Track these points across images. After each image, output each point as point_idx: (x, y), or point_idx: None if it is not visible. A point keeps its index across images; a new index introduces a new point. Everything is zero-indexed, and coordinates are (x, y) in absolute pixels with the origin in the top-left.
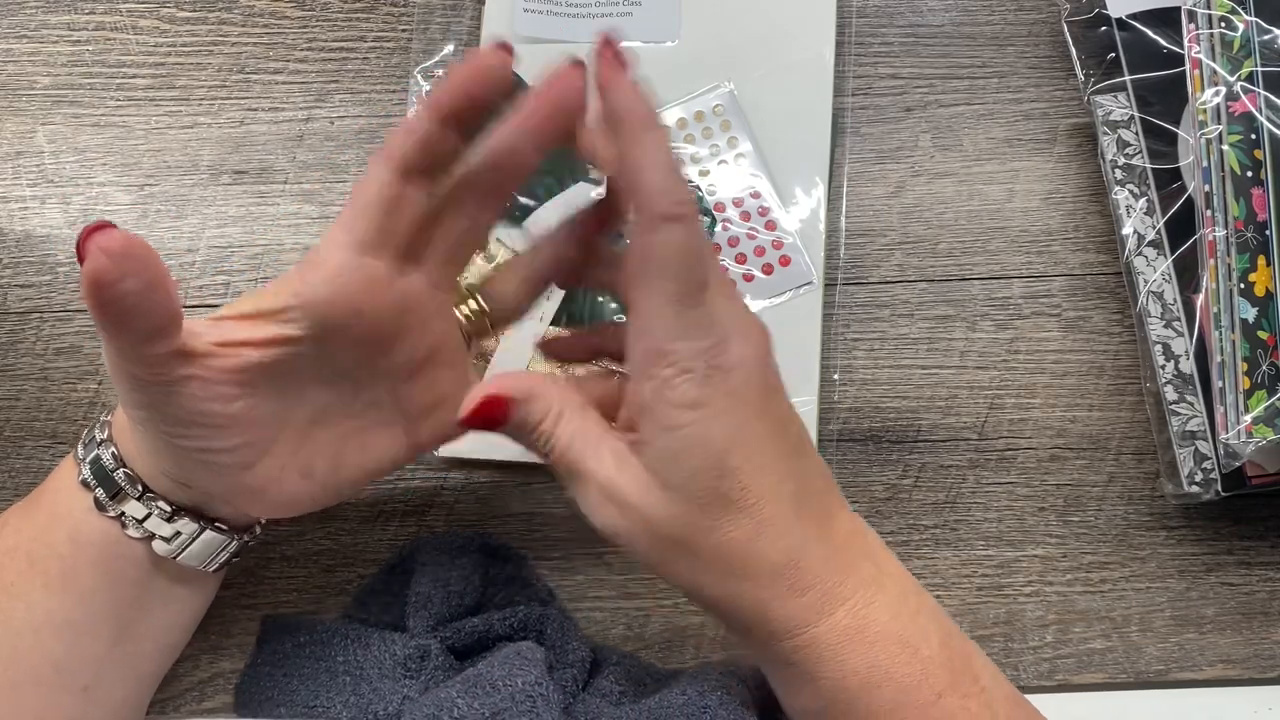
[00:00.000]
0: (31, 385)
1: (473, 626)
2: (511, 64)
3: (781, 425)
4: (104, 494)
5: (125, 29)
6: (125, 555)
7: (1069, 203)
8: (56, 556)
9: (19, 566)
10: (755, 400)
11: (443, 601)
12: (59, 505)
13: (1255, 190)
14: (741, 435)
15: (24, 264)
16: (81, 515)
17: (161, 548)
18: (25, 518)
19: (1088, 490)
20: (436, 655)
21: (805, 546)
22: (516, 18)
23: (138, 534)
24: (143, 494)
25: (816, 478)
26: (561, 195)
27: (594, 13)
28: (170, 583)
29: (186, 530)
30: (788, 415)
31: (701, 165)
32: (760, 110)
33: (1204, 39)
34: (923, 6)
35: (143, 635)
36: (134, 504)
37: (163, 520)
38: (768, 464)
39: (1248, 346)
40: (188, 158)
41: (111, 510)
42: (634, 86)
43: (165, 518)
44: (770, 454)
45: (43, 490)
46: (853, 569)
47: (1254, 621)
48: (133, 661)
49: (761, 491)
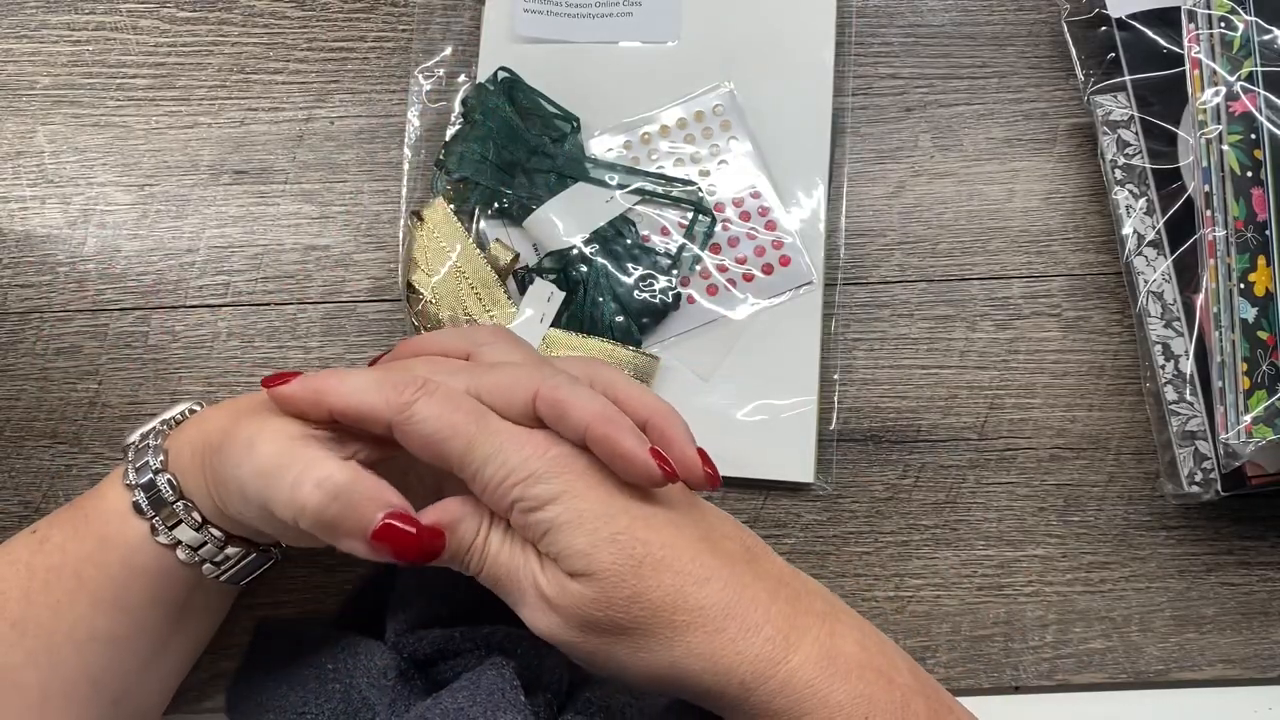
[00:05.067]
0: (31, 385)
1: (434, 638)
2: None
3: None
4: (161, 522)
5: (125, 29)
6: (174, 577)
7: (1069, 203)
8: (109, 578)
9: (67, 585)
10: (611, 475)
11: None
12: (110, 528)
13: (1255, 190)
14: (614, 505)
15: (24, 264)
16: (137, 541)
17: (210, 570)
18: (72, 536)
19: (1088, 490)
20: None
21: (740, 584)
22: (516, 18)
23: (187, 558)
24: (201, 525)
25: (722, 523)
26: (562, 194)
27: (594, 13)
28: (207, 597)
29: (235, 555)
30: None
31: (701, 165)
32: (760, 110)
33: (1204, 39)
34: (923, 6)
35: (175, 647)
36: (190, 533)
37: (216, 548)
38: (657, 520)
39: (1248, 346)
40: (188, 158)
41: (165, 538)
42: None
43: (219, 546)
44: (654, 512)
45: (89, 510)
46: (802, 603)
47: (1254, 621)
48: (162, 673)
49: (664, 542)
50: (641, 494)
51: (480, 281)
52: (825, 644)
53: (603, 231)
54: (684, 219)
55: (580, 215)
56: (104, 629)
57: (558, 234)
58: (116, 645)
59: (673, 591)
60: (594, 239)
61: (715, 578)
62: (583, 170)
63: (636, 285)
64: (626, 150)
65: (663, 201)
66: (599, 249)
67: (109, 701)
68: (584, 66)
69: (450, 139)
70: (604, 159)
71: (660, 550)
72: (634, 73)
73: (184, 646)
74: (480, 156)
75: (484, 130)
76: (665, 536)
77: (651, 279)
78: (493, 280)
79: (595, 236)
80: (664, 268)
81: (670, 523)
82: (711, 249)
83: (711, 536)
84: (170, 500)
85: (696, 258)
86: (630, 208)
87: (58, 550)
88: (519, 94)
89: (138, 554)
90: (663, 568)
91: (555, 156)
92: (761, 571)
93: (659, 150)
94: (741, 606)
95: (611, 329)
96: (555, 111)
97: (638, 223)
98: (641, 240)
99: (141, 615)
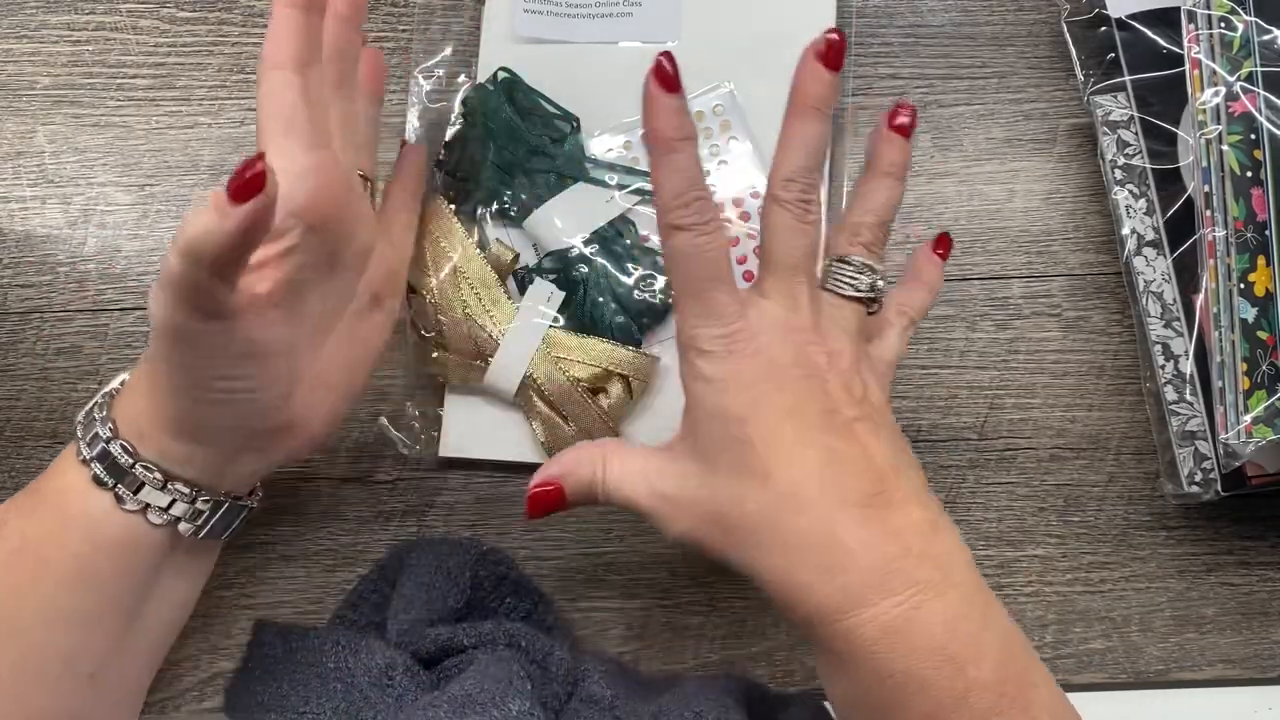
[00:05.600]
0: (31, 385)
1: (436, 635)
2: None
3: (814, 407)
4: (124, 489)
5: (125, 29)
6: (145, 544)
7: (1069, 203)
8: (73, 556)
9: (27, 566)
10: (778, 382)
11: (425, 604)
12: (70, 506)
13: (1255, 190)
14: (758, 410)
15: (24, 264)
16: (99, 514)
17: (186, 529)
18: (29, 518)
19: (1088, 490)
20: (402, 668)
21: (836, 526)
22: (517, 18)
23: (160, 520)
24: (165, 484)
25: (859, 461)
26: (562, 194)
27: (594, 13)
28: (182, 561)
29: (207, 509)
30: (829, 403)
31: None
32: (760, 110)
33: (1204, 39)
34: (923, 6)
35: (150, 617)
36: (156, 494)
37: (185, 503)
38: (788, 439)
39: (1247, 346)
40: (188, 158)
41: (133, 504)
42: (670, 109)
43: (189, 500)
44: (792, 431)
45: (43, 490)
46: (903, 565)
47: (1254, 621)
48: (139, 644)
49: (778, 462)
50: (785, 413)
51: (481, 281)
52: (905, 613)
53: (603, 231)
54: None
55: (580, 215)
56: (73, 607)
57: (558, 234)
58: (87, 623)
59: (766, 508)
60: (594, 239)
61: (813, 510)
62: (583, 170)
63: (636, 285)
64: (626, 150)
65: None
66: (599, 249)
67: (84, 677)
68: (584, 67)
69: (450, 139)
70: (604, 159)
71: (770, 467)
72: (634, 73)
73: (159, 616)
74: (480, 157)
75: (484, 131)
76: (783, 455)
77: (651, 279)
78: (493, 280)
79: (595, 236)
80: (664, 268)
81: (796, 442)
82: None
83: (837, 466)
84: (128, 466)
85: None
86: (630, 208)
87: (16, 534)
88: (519, 94)
89: (101, 528)
90: (766, 487)
91: (555, 157)
92: (876, 519)
93: None
94: (828, 549)
95: (612, 329)
96: (555, 112)
97: (637, 223)
98: (641, 240)
99: (111, 591)
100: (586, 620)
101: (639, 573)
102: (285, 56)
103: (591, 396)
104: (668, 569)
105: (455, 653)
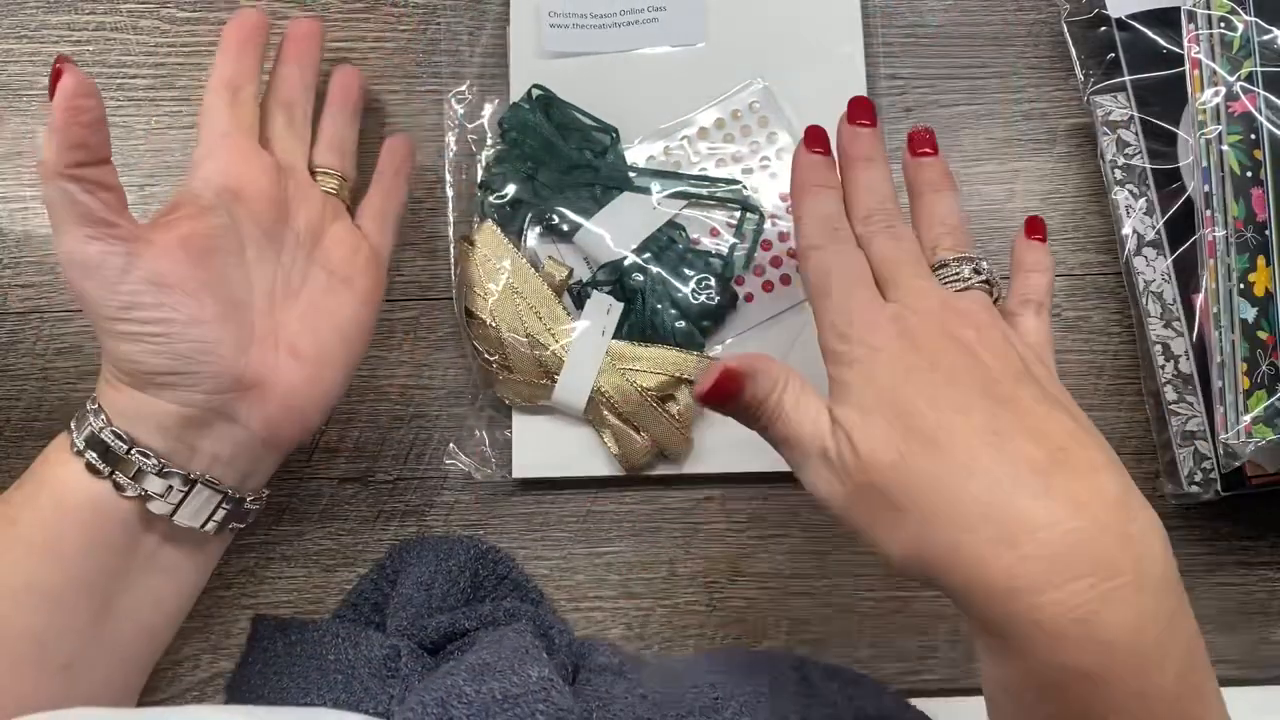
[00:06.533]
0: (31, 385)
1: (439, 623)
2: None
3: (971, 378)
4: (96, 456)
5: (125, 29)
6: (113, 518)
7: (1069, 203)
8: (40, 520)
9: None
10: (931, 358)
11: (424, 603)
12: (47, 472)
13: (1255, 190)
14: (914, 382)
15: (24, 264)
16: (71, 479)
17: (158, 506)
18: (16, 488)
19: None
20: (406, 653)
21: (1014, 495)
22: (544, 33)
23: (132, 493)
24: (129, 449)
25: (1030, 429)
26: (609, 206)
27: (619, 22)
28: (155, 552)
29: (179, 485)
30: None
31: (744, 163)
32: (796, 102)
33: (1204, 39)
34: (923, 7)
35: (124, 611)
36: (122, 459)
37: (154, 475)
38: (950, 406)
39: (1247, 346)
40: (187, 158)
41: (103, 468)
42: (811, 162)
43: (156, 471)
44: (954, 398)
45: (34, 463)
46: (1095, 546)
47: (1254, 621)
48: (114, 640)
49: (943, 425)
50: (943, 384)
51: (539, 300)
52: (1089, 605)
53: (654, 239)
54: (732, 219)
55: (629, 225)
56: (39, 579)
57: (608, 246)
58: (55, 599)
59: (931, 478)
60: (645, 247)
61: (984, 475)
62: (626, 180)
63: (694, 289)
64: (667, 156)
65: (709, 203)
66: (651, 257)
67: (59, 665)
68: (615, 76)
69: (491, 160)
70: (646, 167)
71: (936, 432)
72: (666, 78)
73: (135, 613)
74: (523, 175)
75: (524, 149)
76: (946, 420)
77: (707, 281)
78: (550, 297)
79: (646, 244)
80: (717, 269)
81: (959, 409)
82: (763, 245)
83: (1008, 434)
84: (123, 452)
85: (749, 256)
86: (678, 212)
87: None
88: (554, 110)
89: (71, 490)
90: (932, 451)
91: (598, 169)
92: (1059, 488)
93: (700, 152)
94: (1005, 520)
95: (674, 334)
96: (593, 124)
97: (687, 227)
98: (692, 244)
99: (78, 567)
100: (587, 620)
101: (639, 573)
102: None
103: (660, 404)
104: (668, 569)
105: (458, 636)
